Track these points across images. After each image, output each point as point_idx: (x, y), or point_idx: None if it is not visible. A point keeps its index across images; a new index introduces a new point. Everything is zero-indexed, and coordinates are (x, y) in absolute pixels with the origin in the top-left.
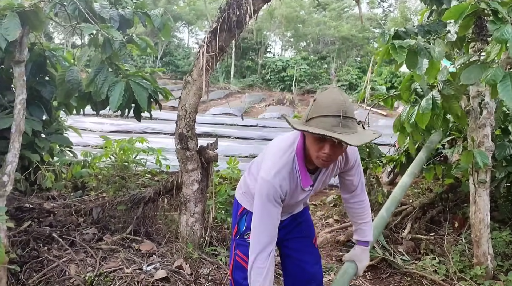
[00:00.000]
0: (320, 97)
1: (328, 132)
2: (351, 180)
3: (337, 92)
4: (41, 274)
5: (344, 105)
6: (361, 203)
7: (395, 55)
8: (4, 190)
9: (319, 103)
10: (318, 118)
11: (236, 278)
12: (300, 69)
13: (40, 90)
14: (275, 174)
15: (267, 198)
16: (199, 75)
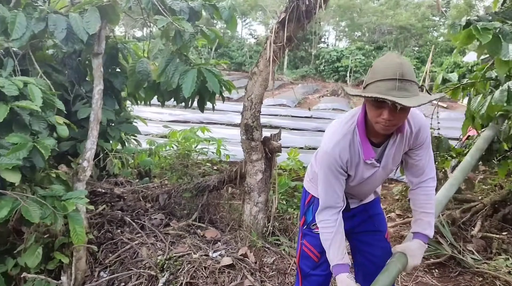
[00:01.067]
0: (376, 62)
1: (382, 95)
2: (418, 161)
3: (394, 55)
4: (116, 255)
5: (401, 68)
6: (427, 189)
7: (479, 36)
8: (84, 175)
9: (375, 68)
10: (374, 83)
11: (302, 267)
12: (355, 59)
13: (112, 81)
14: (335, 144)
15: (328, 168)
16: (265, 66)
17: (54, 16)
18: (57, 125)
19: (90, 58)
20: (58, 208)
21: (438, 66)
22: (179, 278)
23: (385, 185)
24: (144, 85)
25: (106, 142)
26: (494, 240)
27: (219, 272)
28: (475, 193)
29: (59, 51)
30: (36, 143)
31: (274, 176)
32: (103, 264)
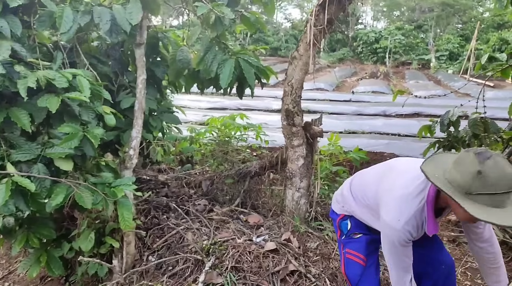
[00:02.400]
0: (487, 171)
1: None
2: (480, 230)
3: (504, 163)
4: (163, 240)
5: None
6: (490, 251)
7: None
8: (131, 163)
9: (488, 179)
10: (486, 196)
11: (350, 276)
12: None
13: (154, 70)
14: (405, 223)
15: (398, 243)
16: (305, 50)
17: (98, 9)
18: (104, 115)
19: (132, 49)
20: (108, 194)
21: (484, 43)
22: (225, 263)
23: None
24: (184, 73)
25: (148, 132)
26: None
27: (263, 256)
28: None
29: (103, 43)
30: (86, 132)
31: (315, 161)
32: (151, 249)
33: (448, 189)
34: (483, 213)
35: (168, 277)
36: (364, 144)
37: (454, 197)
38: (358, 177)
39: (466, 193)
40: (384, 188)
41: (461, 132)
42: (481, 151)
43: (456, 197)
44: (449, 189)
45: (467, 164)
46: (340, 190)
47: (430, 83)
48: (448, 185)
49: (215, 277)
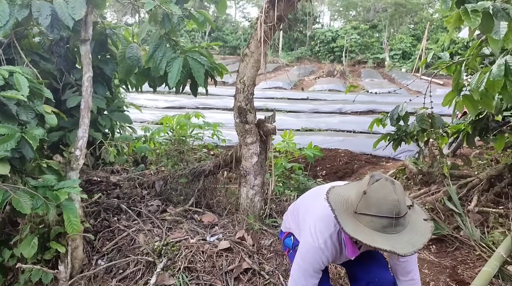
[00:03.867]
0: (370, 191)
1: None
2: (403, 264)
3: (390, 187)
4: (113, 242)
5: (398, 205)
6: (414, 282)
7: (468, 21)
8: (77, 163)
9: (370, 200)
10: (368, 217)
11: None
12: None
13: (103, 68)
14: (323, 242)
15: (309, 262)
16: (256, 47)
17: (37, 3)
18: (45, 115)
19: (78, 45)
20: (50, 198)
21: (434, 43)
22: (177, 263)
23: (382, 163)
24: (134, 71)
25: (97, 132)
26: (490, 214)
27: (217, 255)
28: (471, 169)
29: (45, 39)
30: (24, 133)
31: (269, 158)
32: (101, 252)
33: (338, 207)
34: (359, 232)
35: (118, 280)
36: (320, 141)
37: (336, 213)
38: (300, 198)
39: (354, 211)
40: (311, 207)
41: (409, 127)
42: (375, 174)
43: (338, 215)
44: (340, 208)
45: (361, 184)
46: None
47: (385, 81)
48: (343, 204)
49: (167, 278)
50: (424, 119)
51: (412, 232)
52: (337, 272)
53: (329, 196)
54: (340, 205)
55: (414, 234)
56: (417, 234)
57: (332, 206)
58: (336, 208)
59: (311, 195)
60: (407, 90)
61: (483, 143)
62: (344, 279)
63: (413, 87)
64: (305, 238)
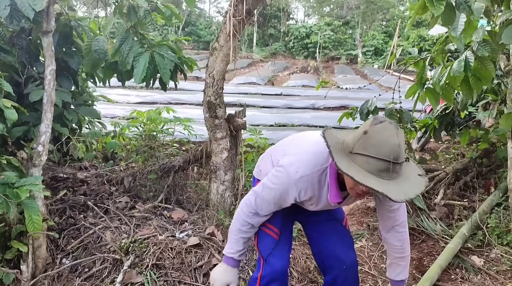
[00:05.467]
0: (372, 132)
1: (373, 184)
2: (393, 213)
3: (393, 130)
4: (78, 240)
5: (398, 150)
6: (400, 235)
7: (431, 8)
8: (40, 160)
9: (370, 140)
10: (365, 157)
11: (261, 248)
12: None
13: (68, 61)
14: (301, 176)
15: (280, 193)
16: (226, 41)
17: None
18: (4, 109)
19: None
20: (10, 196)
21: (405, 40)
22: (145, 260)
23: None
24: (101, 64)
25: (63, 126)
26: (455, 207)
27: (185, 252)
28: (439, 163)
29: (5, 30)
30: None
31: (240, 154)
32: (66, 251)
33: (333, 145)
34: (354, 171)
35: (84, 279)
36: None
37: (332, 150)
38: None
39: (349, 151)
40: (296, 139)
41: None
42: (379, 117)
43: (334, 152)
44: (335, 145)
45: (362, 126)
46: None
47: (357, 78)
48: (338, 143)
49: (135, 276)
50: (392, 114)
51: (406, 182)
52: (306, 266)
53: (325, 134)
54: (335, 143)
55: (408, 184)
56: (411, 184)
57: (328, 141)
58: (331, 144)
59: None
60: (379, 86)
61: (450, 138)
62: (314, 273)
63: (385, 83)
64: (283, 165)
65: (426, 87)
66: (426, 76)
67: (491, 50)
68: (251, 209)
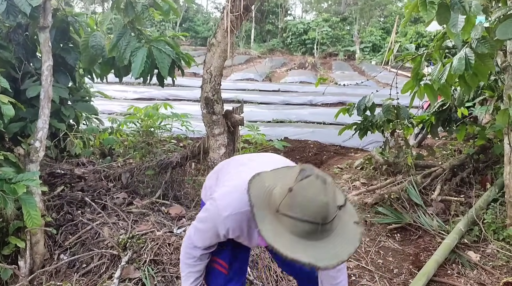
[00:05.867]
0: (297, 189)
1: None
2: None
3: (320, 186)
4: (76, 236)
5: (326, 210)
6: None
7: (423, 12)
8: (37, 155)
9: (295, 199)
10: (291, 220)
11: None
12: (321, 31)
13: (65, 57)
14: (229, 215)
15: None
16: (223, 37)
17: None
18: (1, 105)
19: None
20: (7, 191)
21: (402, 36)
22: (143, 256)
23: (350, 154)
24: (98, 60)
25: (61, 122)
26: (452, 203)
27: None
28: (436, 159)
29: (2, 26)
30: None
31: (238, 150)
32: (63, 246)
33: (259, 202)
34: (278, 237)
35: (81, 275)
36: (290, 132)
37: (256, 212)
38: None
39: (276, 210)
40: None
41: (376, 117)
42: (306, 168)
43: (257, 212)
44: (262, 202)
45: (288, 178)
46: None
47: (355, 74)
48: (266, 197)
49: (132, 271)
50: (390, 110)
51: (339, 238)
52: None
53: (251, 187)
54: (262, 199)
55: (341, 240)
56: (344, 240)
57: (252, 201)
58: (257, 204)
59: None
60: (376, 82)
61: (446, 134)
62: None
63: (382, 79)
64: (215, 199)
65: (424, 83)
66: (422, 72)
67: (490, 47)
68: (190, 241)
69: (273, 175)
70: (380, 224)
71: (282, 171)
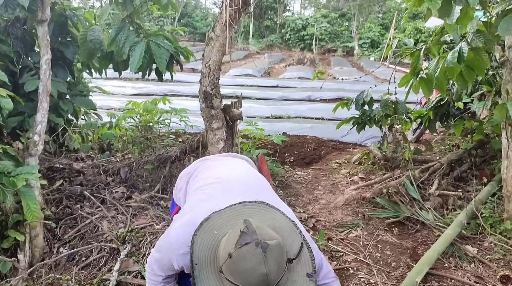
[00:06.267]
0: (237, 257)
1: None
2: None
3: (259, 256)
4: (75, 230)
5: (267, 280)
6: None
7: (429, 3)
8: (36, 149)
9: (235, 267)
10: (232, 285)
11: None
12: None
13: (63, 51)
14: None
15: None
16: (222, 31)
17: None
18: (0, 99)
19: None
20: (6, 184)
21: (401, 32)
22: (142, 250)
23: (349, 149)
24: (97, 54)
25: (59, 117)
26: (450, 197)
27: None
28: (434, 154)
29: (0, 19)
30: None
31: (236, 144)
32: (62, 240)
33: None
34: None
35: (81, 268)
36: (289, 128)
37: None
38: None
39: (219, 269)
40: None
41: (374, 112)
42: (247, 233)
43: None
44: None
45: (231, 237)
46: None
47: (354, 70)
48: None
49: (131, 264)
50: (388, 105)
51: None
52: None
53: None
54: (208, 253)
55: None
56: None
57: (194, 259)
58: (200, 261)
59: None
60: (375, 78)
61: (444, 129)
62: None
63: (381, 75)
64: (169, 237)
65: (419, 77)
66: (420, 67)
67: (486, 41)
68: (150, 268)
69: (225, 217)
70: (378, 218)
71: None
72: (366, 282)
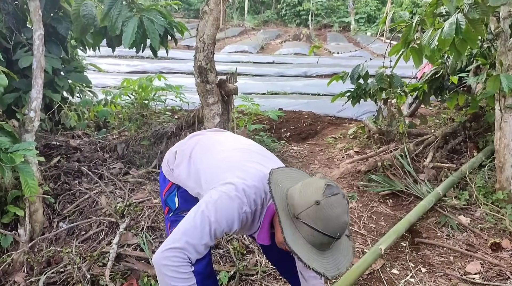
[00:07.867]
0: (325, 205)
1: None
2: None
3: (345, 207)
4: (74, 205)
5: (345, 228)
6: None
7: None
8: (32, 125)
9: (321, 213)
10: (311, 230)
11: None
12: (316, 2)
13: (56, 26)
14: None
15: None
16: (216, 4)
17: None
18: None
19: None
20: (4, 160)
21: (398, 6)
22: (140, 223)
23: (345, 124)
24: (90, 29)
25: (55, 93)
26: (443, 169)
27: None
28: (428, 127)
29: None
30: None
31: (232, 119)
32: (62, 215)
33: (280, 202)
34: (296, 243)
35: (81, 241)
36: (285, 103)
37: (279, 213)
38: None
39: (294, 216)
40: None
41: (369, 85)
42: (333, 186)
43: (281, 214)
44: (281, 203)
45: (312, 189)
46: (177, 146)
47: (350, 45)
48: (284, 199)
49: (130, 237)
50: (383, 78)
51: (338, 251)
52: None
53: (271, 184)
54: (280, 200)
55: (340, 253)
56: (342, 254)
57: (276, 203)
58: (279, 206)
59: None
60: (372, 53)
61: (439, 103)
62: None
63: (377, 50)
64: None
65: (410, 46)
66: (411, 37)
67: (482, 12)
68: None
69: (283, 174)
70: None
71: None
72: (360, 252)
